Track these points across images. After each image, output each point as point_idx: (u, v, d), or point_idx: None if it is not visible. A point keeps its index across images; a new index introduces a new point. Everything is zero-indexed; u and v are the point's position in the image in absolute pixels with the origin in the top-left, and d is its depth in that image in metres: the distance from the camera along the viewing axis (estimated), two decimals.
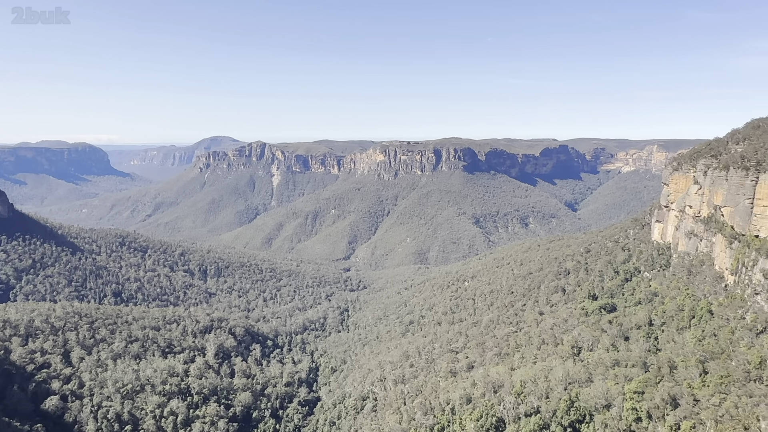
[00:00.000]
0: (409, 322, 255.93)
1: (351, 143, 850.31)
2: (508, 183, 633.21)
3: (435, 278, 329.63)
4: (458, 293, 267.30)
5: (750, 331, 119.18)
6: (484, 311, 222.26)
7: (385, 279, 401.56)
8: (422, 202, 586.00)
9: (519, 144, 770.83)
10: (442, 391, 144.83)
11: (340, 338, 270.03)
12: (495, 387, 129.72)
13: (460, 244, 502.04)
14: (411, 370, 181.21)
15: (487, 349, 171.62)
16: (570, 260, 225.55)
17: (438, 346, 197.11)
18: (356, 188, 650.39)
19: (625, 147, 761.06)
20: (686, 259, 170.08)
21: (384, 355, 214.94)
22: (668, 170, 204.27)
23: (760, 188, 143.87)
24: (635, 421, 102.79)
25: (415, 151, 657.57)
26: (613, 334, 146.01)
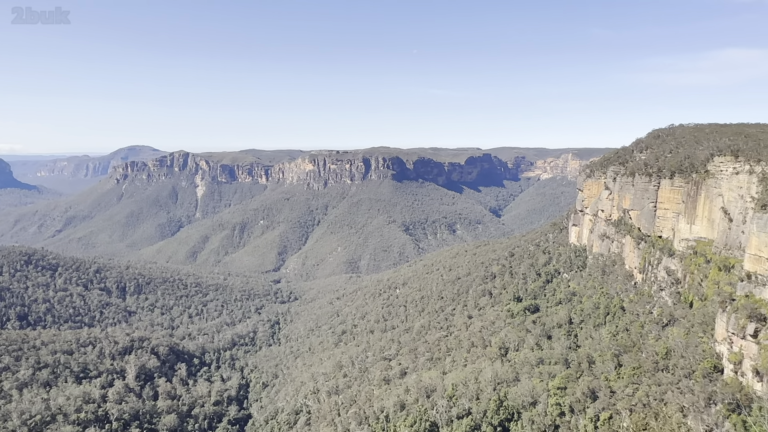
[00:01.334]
0: (342, 332, 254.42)
1: (279, 152, 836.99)
2: (436, 191, 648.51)
3: (367, 287, 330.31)
4: (390, 301, 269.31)
5: (657, 324, 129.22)
6: (415, 317, 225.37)
7: (317, 289, 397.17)
8: (352, 211, 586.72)
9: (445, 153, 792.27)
10: (376, 400, 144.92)
11: (271, 352, 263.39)
12: (428, 392, 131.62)
13: (390, 251, 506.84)
14: (345, 380, 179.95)
15: (419, 354, 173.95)
16: (495, 264, 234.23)
17: (371, 354, 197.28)
18: (285, 198, 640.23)
19: (543, 155, 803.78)
20: (600, 260, 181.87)
21: (317, 366, 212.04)
22: (582, 177, 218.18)
23: (662, 193, 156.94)
24: (559, 415, 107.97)
25: (345, 160, 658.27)
26: (537, 333, 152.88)
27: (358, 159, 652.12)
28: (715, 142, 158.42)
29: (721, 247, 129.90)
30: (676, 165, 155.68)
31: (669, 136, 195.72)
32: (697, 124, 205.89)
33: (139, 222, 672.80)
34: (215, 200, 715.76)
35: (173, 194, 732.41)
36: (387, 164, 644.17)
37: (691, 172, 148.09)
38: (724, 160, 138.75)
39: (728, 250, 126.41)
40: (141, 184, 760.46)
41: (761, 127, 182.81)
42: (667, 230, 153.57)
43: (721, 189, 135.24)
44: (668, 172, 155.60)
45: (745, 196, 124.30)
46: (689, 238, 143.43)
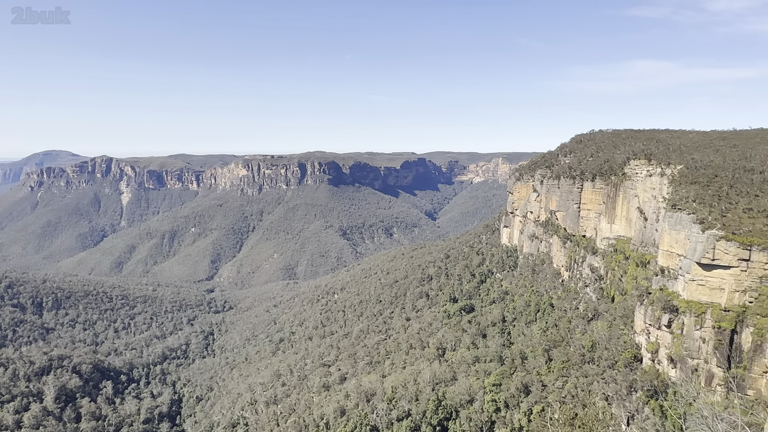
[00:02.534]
0: (280, 340, 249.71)
1: (211, 157, 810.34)
2: (373, 195, 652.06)
3: (304, 293, 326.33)
4: (328, 306, 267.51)
5: (583, 319, 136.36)
6: (354, 322, 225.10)
7: (253, 297, 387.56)
8: (288, 216, 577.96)
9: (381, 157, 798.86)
10: (315, 407, 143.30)
11: (205, 364, 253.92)
12: (368, 396, 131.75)
13: (328, 257, 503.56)
14: (283, 389, 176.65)
15: (358, 359, 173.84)
16: (432, 266, 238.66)
17: (310, 361, 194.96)
18: (218, 204, 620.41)
19: (475, 159, 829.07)
20: (530, 260, 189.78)
21: (254, 377, 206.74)
22: (512, 180, 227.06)
23: (585, 195, 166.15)
24: (495, 411, 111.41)
25: (280, 164, 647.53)
26: (472, 332, 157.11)
27: (294, 164, 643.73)
28: (630, 147, 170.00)
29: (638, 244, 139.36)
30: (597, 168, 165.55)
31: (590, 141, 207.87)
32: (614, 129, 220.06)
33: (57, 232, 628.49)
34: (142, 208, 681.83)
35: (95, 202, 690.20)
36: (323, 169, 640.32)
37: (610, 174, 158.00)
38: (639, 164, 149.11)
39: (644, 247, 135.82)
40: (59, 191, 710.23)
41: (670, 132, 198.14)
42: (590, 230, 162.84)
43: (637, 190, 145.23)
44: (590, 175, 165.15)
45: (657, 196, 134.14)
46: (610, 236, 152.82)
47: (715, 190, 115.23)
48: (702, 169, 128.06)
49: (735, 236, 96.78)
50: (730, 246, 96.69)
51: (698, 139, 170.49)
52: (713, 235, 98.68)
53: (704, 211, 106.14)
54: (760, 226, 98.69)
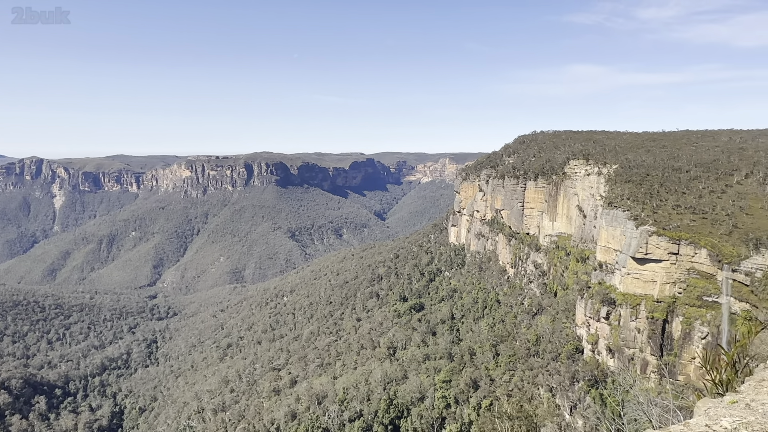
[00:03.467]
0: (227, 346, 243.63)
1: (151, 158, 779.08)
2: (321, 196, 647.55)
3: (253, 296, 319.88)
4: (278, 309, 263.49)
5: (528, 314, 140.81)
6: (304, 324, 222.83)
7: (199, 302, 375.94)
8: (235, 218, 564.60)
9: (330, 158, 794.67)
10: (266, 412, 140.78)
11: (148, 374, 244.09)
12: (319, 398, 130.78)
13: (276, 259, 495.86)
14: (232, 396, 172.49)
15: (309, 361, 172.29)
16: (382, 266, 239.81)
17: (259, 366, 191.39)
18: (160, 207, 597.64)
19: (423, 160, 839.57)
20: (477, 257, 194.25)
21: (201, 384, 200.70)
22: (459, 180, 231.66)
23: (528, 194, 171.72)
24: (445, 407, 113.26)
25: (225, 165, 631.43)
26: (422, 331, 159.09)
27: (240, 164, 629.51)
28: (570, 147, 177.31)
29: (578, 240, 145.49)
30: (539, 168, 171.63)
31: (532, 141, 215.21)
32: (555, 131, 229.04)
33: None
34: (77, 211, 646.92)
35: (24, 206, 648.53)
36: (270, 170, 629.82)
37: (551, 174, 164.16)
38: (578, 163, 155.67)
39: (584, 243, 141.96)
40: None
41: (606, 133, 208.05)
42: (534, 227, 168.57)
43: (576, 189, 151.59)
44: (532, 175, 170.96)
45: (595, 194, 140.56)
46: (552, 233, 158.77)
47: (647, 188, 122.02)
48: (635, 169, 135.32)
49: (665, 231, 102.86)
50: (661, 241, 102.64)
51: (631, 140, 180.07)
52: (646, 231, 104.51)
53: (638, 208, 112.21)
54: (687, 221, 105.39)
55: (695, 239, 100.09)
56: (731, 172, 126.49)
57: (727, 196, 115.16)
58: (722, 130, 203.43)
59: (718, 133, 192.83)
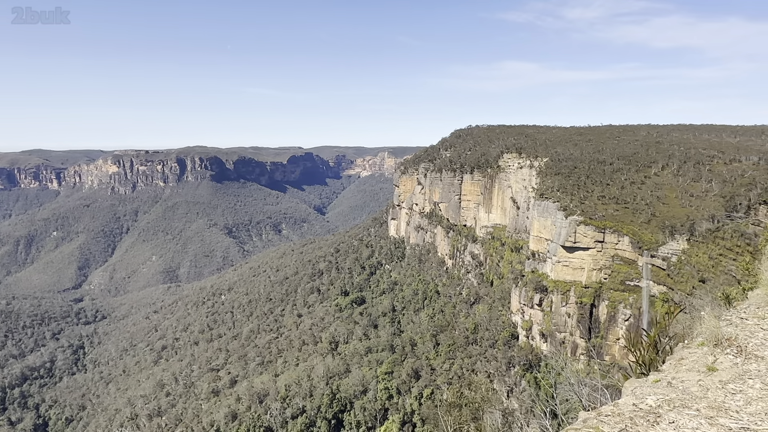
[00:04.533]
0: (162, 348, 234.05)
1: (74, 153, 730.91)
2: (259, 191, 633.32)
3: (188, 296, 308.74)
4: (215, 308, 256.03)
5: (466, 303, 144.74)
6: (243, 323, 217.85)
7: (130, 304, 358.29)
8: (168, 215, 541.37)
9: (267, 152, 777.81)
10: (205, 415, 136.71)
11: (75, 382, 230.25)
12: (260, 397, 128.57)
13: (213, 256, 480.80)
14: (168, 400, 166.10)
15: (249, 360, 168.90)
16: (322, 261, 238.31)
17: (197, 367, 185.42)
18: (84, 205, 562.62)
19: (362, 154, 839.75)
20: (417, 250, 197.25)
21: (134, 389, 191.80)
22: (397, 174, 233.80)
23: (465, 186, 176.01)
24: (388, 399, 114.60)
25: (156, 160, 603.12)
26: (364, 324, 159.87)
27: (172, 159, 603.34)
28: (504, 141, 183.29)
29: (512, 231, 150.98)
30: (475, 161, 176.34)
31: (468, 135, 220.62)
32: (489, 125, 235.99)
33: None
34: None
35: None
36: (205, 164, 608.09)
37: (486, 167, 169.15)
38: (511, 157, 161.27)
39: (518, 234, 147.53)
40: None
41: (537, 128, 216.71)
42: (470, 219, 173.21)
43: (510, 181, 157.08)
44: (469, 168, 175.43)
45: (528, 187, 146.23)
46: (488, 225, 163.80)
47: (575, 180, 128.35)
48: (564, 162, 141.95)
49: (592, 221, 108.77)
50: (588, 230, 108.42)
51: (560, 134, 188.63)
52: (574, 221, 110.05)
53: (566, 199, 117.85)
54: (612, 211, 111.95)
55: (618, 228, 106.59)
56: (649, 164, 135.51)
57: (646, 186, 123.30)
58: (641, 125, 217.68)
59: (638, 128, 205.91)
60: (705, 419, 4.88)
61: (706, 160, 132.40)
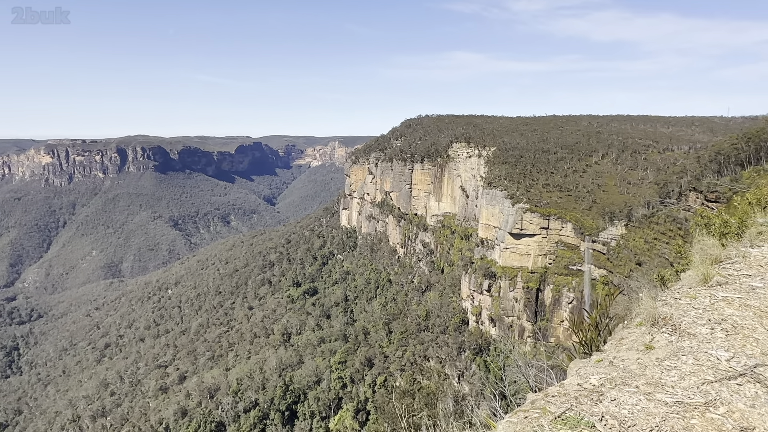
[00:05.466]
0: (105, 346, 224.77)
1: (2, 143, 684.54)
2: (206, 182, 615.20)
3: (132, 291, 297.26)
4: (162, 303, 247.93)
5: (418, 291, 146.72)
6: (192, 317, 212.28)
7: (69, 302, 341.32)
8: (108, 208, 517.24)
9: (214, 141, 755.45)
10: (152, 413, 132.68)
11: (10, 385, 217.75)
12: (211, 392, 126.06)
13: (158, 250, 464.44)
14: (113, 399, 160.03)
15: (199, 355, 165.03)
16: (273, 252, 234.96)
17: (143, 364, 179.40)
18: (15, 198, 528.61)
19: (312, 143, 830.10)
20: (369, 239, 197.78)
21: (76, 390, 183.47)
22: (348, 163, 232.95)
23: (415, 176, 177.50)
24: (341, 388, 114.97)
25: (94, 150, 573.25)
26: (317, 315, 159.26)
27: (112, 149, 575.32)
28: (453, 131, 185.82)
29: (461, 219, 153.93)
30: (425, 151, 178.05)
31: (418, 125, 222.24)
32: (439, 115, 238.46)
33: None
34: None
35: None
36: (148, 154, 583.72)
37: (436, 157, 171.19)
38: (460, 146, 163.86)
39: (467, 222, 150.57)
40: None
41: (485, 118, 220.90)
42: (421, 208, 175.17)
43: (459, 170, 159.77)
44: (419, 157, 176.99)
45: (476, 176, 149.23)
46: (438, 213, 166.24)
47: (521, 169, 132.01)
48: (511, 151, 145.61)
49: (537, 208, 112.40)
50: (534, 217, 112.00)
51: (507, 124, 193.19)
52: (521, 208, 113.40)
53: (513, 188, 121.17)
54: (555, 198, 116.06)
55: (562, 214, 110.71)
56: (590, 153, 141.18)
57: (587, 175, 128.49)
58: (583, 115, 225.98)
59: (580, 118, 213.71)
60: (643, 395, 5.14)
61: (642, 149, 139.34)
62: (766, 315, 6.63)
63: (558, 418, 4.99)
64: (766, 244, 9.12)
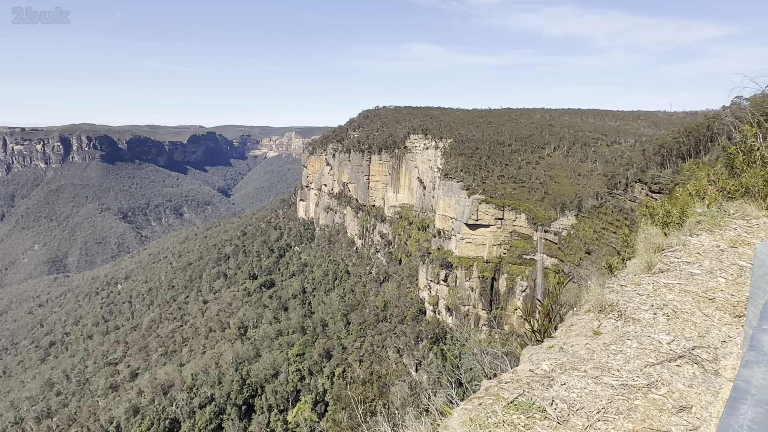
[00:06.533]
0: (50, 344, 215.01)
1: None
2: (157, 172, 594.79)
3: (79, 287, 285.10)
4: (111, 298, 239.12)
5: (376, 282, 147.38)
6: (143, 312, 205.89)
7: (9, 299, 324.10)
8: (51, 200, 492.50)
9: (165, 131, 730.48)
10: (102, 412, 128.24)
11: None
12: (165, 388, 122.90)
13: (106, 243, 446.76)
14: (59, 399, 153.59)
15: (151, 351, 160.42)
16: (228, 245, 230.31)
17: (92, 362, 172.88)
18: None
19: (268, 133, 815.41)
20: (326, 231, 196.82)
21: (18, 391, 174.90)
22: (306, 154, 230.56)
23: (373, 167, 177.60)
24: (300, 380, 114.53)
25: (35, 139, 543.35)
26: (274, 307, 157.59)
27: (54, 138, 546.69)
28: (410, 122, 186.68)
29: (419, 210, 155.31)
30: (383, 142, 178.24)
31: (376, 116, 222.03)
32: (396, 106, 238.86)
33: None
34: None
35: None
36: (94, 144, 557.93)
37: (394, 148, 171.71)
38: (417, 138, 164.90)
39: (424, 213, 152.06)
40: None
41: (442, 110, 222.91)
42: (379, 199, 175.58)
43: (417, 162, 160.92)
44: (377, 149, 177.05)
45: (433, 167, 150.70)
46: (396, 204, 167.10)
47: (477, 161, 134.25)
48: (467, 143, 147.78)
49: (492, 199, 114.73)
50: (489, 208, 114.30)
51: (463, 117, 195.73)
52: (477, 199, 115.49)
53: (469, 179, 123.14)
54: (510, 189, 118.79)
55: (516, 205, 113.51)
56: (543, 145, 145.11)
57: (540, 166, 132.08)
58: (536, 108, 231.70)
59: (533, 111, 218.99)
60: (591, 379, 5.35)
61: (592, 142, 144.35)
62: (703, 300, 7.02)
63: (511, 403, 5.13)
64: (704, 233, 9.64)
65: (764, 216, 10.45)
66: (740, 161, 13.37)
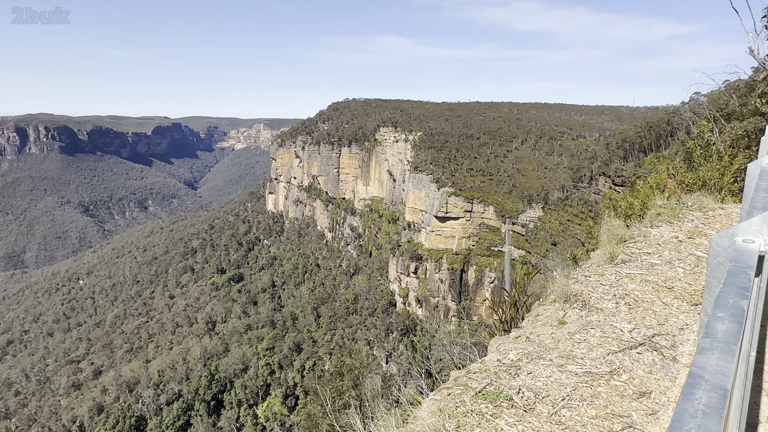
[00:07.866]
0: (8, 343, 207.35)
1: None
2: (120, 164, 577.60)
3: (38, 283, 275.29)
4: (72, 295, 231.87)
5: (346, 275, 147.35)
6: (107, 308, 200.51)
7: None
8: (7, 193, 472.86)
9: (128, 122, 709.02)
10: (65, 411, 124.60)
11: None
12: (130, 386, 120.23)
13: (67, 238, 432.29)
14: (18, 399, 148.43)
15: (116, 348, 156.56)
16: (196, 239, 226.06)
17: (52, 360, 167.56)
18: None
19: (236, 125, 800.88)
20: (296, 224, 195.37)
21: None
22: (274, 146, 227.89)
23: (343, 159, 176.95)
24: (269, 374, 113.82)
25: None
26: (243, 301, 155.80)
27: (9, 128, 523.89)
28: (380, 115, 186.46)
29: (389, 203, 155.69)
30: (353, 135, 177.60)
31: (345, 108, 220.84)
32: (366, 98, 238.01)
33: None
34: None
35: None
36: (53, 134, 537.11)
37: (364, 140, 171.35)
38: (387, 131, 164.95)
39: (395, 206, 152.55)
40: None
41: (411, 103, 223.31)
42: (349, 192, 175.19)
43: (387, 155, 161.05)
44: (347, 141, 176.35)
45: (403, 160, 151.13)
46: (366, 197, 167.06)
47: (446, 154, 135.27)
48: (436, 136, 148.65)
49: (462, 192, 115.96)
50: (458, 200, 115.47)
51: (433, 110, 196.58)
52: (446, 192, 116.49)
53: (439, 172, 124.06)
54: (479, 182, 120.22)
55: (485, 198, 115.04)
56: (511, 139, 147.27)
57: (508, 160, 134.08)
58: (504, 102, 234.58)
59: (501, 105, 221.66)
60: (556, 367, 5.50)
61: (558, 135, 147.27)
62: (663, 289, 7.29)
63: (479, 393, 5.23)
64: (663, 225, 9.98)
65: (720, 208, 10.90)
66: (698, 155, 13.89)
